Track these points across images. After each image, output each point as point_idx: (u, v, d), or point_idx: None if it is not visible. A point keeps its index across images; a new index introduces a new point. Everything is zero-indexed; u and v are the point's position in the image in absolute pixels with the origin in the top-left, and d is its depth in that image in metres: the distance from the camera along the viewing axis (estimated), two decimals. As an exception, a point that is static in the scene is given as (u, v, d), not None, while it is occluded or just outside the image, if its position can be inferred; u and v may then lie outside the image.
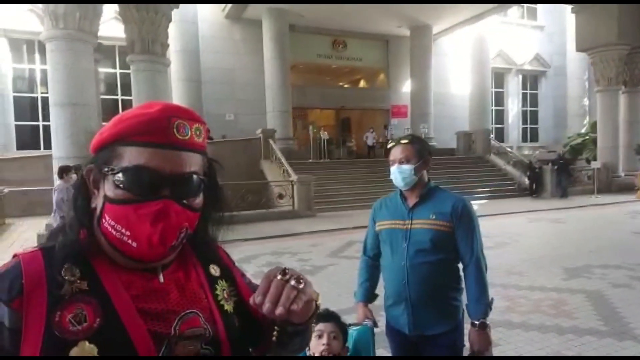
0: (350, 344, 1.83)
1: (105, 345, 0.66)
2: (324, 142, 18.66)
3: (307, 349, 1.74)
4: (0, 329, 0.65)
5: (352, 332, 1.88)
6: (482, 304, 1.84)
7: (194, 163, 0.75)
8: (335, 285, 5.29)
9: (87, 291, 0.69)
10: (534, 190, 15.45)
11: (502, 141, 21.95)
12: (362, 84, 23.44)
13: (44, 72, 14.19)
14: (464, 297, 1.94)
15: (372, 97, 21.52)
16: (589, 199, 14.39)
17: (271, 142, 14.58)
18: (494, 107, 22.74)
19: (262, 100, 17.10)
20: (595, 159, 17.02)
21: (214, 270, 0.85)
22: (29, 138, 15.38)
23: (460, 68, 21.43)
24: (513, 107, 24.25)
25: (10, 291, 0.66)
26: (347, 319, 2.08)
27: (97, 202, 0.74)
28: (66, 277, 0.68)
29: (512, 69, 23.73)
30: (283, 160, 13.44)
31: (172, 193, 0.71)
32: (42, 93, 15.20)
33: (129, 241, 0.70)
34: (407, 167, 1.87)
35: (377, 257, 2.07)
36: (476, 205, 13.26)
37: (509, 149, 19.26)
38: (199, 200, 0.76)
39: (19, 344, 0.64)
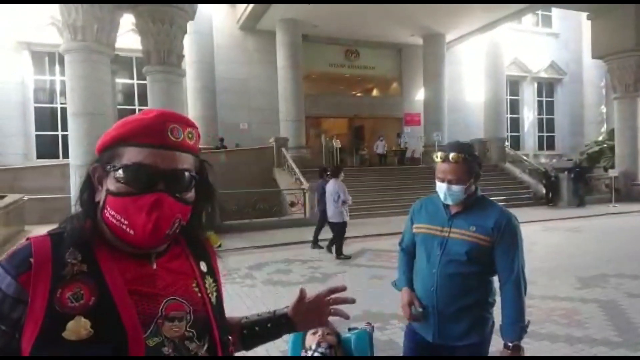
0: (349, 347, 1.85)
1: (98, 321, 0.75)
2: (336, 151, 18.69)
3: (302, 350, 1.77)
4: (4, 299, 0.74)
5: (351, 336, 1.90)
6: (518, 327, 1.73)
7: (186, 162, 0.85)
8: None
9: (86, 273, 0.78)
10: (550, 198, 15.19)
11: (518, 149, 21.68)
12: (375, 92, 23.45)
13: (63, 83, 14.58)
14: (494, 311, 1.87)
15: (385, 105, 21.52)
16: (606, 207, 14.09)
17: (284, 150, 14.66)
18: (509, 115, 22.52)
19: (275, 109, 17.26)
20: (613, 167, 16.69)
21: (203, 266, 0.95)
22: (48, 147, 15.77)
23: (475, 76, 21.32)
24: (529, 115, 23.96)
25: (20, 267, 0.76)
26: (357, 325, 2.10)
27: (101, 196, 0.84)
28: (69, 260, 0.78)
29: (527, 76, 23.50)
30: (295, 168, 13.51)
31: (166, 187, 0.81)
32: (61, 104, 15.61)
33: (127, 229, 0.80)
34: (458, 188, 1.77)
35: (414, 254, 2.00)
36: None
37: (524, 157, 19.01)
38: (190, 194, 0.86)
39: (20, 314, 0.74)
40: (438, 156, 1.82)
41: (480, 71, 20.65)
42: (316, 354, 1.73)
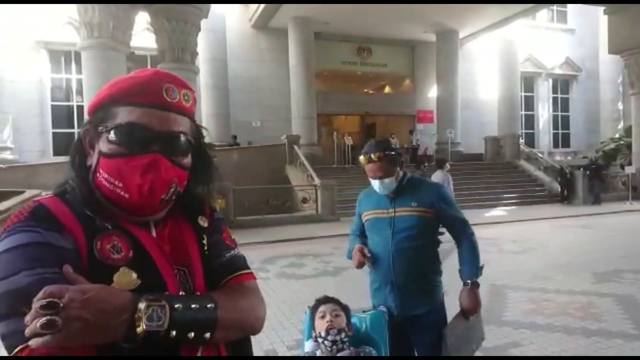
0: (364, 328, 1.86)
1: (141, 272, 0.74)
2: (348, 148, 18.68)
3: (313, 335, 1.77)
4: (64, 252, 0.69)
5: (366, 317, 1.91)
6: (474, 266, 1.96)
7: (182, 124, 0.81)
8: (357, 286, 5.28)
9: (113, 229, 0.76)
10: (565, 196, 14.99)
11: (533, 147, 21.39)
12: (387, 89, 23.38)
13: (79, 82, 14.84)
14: (443, 279, 2.10)
15: (397, 102, 21.43)
16: (622, 205, 13.85)
17: (296, 147, 14.71)
18: (523, 112, 22.25)
19: (287, 107, 17.32)
20: (630, 164, 16.39)
21: (202, 221, 0.91)
22: (64, 144, 16.03)
23: (488, 72, 21.10)
24: (543, 112, 23.64)
25: (55, 223, 0.71)
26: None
27: (93, 160, 0.80)
28: (94, 215, 0.76)
29: (542, 73, 23.18)
30: (307, 165, 13.54)
31: (161, 149, 0.77)
32: (77, 102, 15.90)
33: (122, 192, 0.76)
34: (389, 180, 1.98)
35: (363, 237, 2.18)
36: (504, 211, 13.01)
37: (539, 155, 18.78)
38: (187, 160, 0.83)
39: (82, 264, 0.70)
40: (362, 160, 2.02)
41: (494, 68, 20.44)
42: (327, 342, 1.69)
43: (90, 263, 0.72)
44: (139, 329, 0.65)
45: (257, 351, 3.47)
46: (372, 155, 1.96)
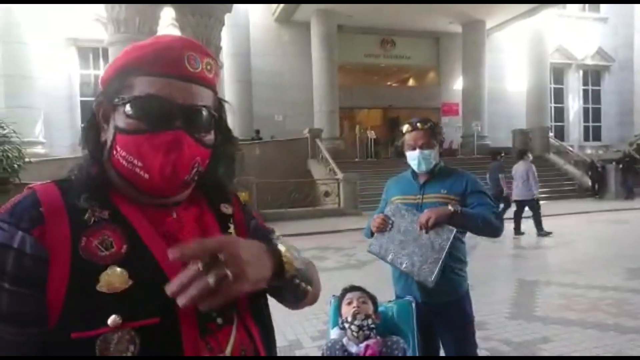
0: (391, 318, 1.85)
1: (135, 270, 0.65)
2: (370, 142, 18.54)
3: (339, 322, 1.76)
4: (22, 257, 0.61)
5: (393, 305, 1.88)
6: (470, 215, 1.85)
7: (205, 97, 0.73)
8: (381, 279, 5.23)
9: (109, 220, 0.68)
10: (596, 190, 14.52)
11: (562, 140, 20.77)
12: (411, 82, 23.06)
13: (107, 77, 15.15)
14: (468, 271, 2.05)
15: (421, 95, 21.12)
16: (659, 200, 13.32)
17: (318, 141, 14.69)
18: (552, 105, 21.60)
19: (309, 101, 17.30)
20: (666, 158, 15.72)
21: (226, 208, 0.84)
22: (93, 139, 16.47)
23: (516, 64, 20.55)
24: (573, 104, 22.88)
25: (30, 219, 0.63)
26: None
27: (108, 136, 0.72)
28: (86, 206, 0.67)
29: (572, 64, 22.41)
30: (329, 159, 13.51)
31: (184, 125, 0.70)
32: (105, 97, 16.30)
33: (141, 172, 0.69)
34: (429, 152, 1.94)
35: None
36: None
37: (569, 148, 18.21)
38: (210, 136, 0.76)
39: (44, 272, 0.61)
40: (405, 128, 2.00)
41: (522, 59, 19.88)
42: (353, 327, 1.70)
43: (74, 263, 0.63)
44: (288, 269, 0.72)
45: (281, 341, 3.49)
46: (418, 123, 1.95)
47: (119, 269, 0.64)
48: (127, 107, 0.69)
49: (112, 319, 0.61)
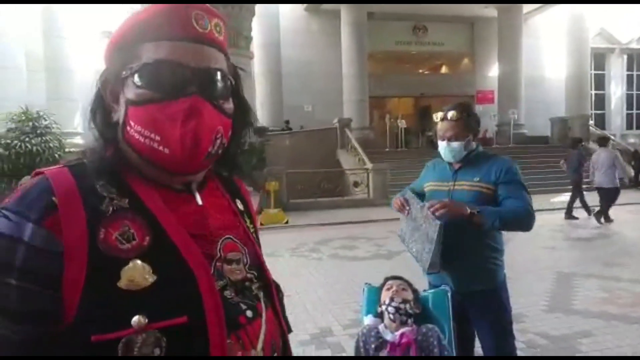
0: (427, 307, 1.83)
1: (159, 264, 0.60)
2: (401, 132, 18.28)
3: (378, 306, 1.75)
4: (33, 252, 0.56)
5: (428, 294, 1.85)
6: (492, 215, 1.74)
7: (219, 60, 0.68)
8: (412, 270, 5.16)
9: (129, 209, 0.62)
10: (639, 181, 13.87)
11: (603, 128, 19.87)
12: (443, 69, 22.53)
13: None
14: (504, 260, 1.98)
15: (454, 83, 20.61)
16: None
17: (347, 131, 14.59)
18: (593, 91, 20.64)
19: (339, 90, 17.18)
20: None
21: (239, 204, 0.81)
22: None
23: (555, 49, 19.74)
24: (616, 91, 21.80)
25: (41, 209, 0.58)
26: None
27: (119, 114, 0.66)
28: (103, 193, 0.62)
29: (616, 48, 21.31)
30: (359, 148, 13.41)
31: (200, 90, 0.64)
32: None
33: (160, 147, 0.63)
34: (457, 144, 1.88)
35: (417, 194, 2.09)
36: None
37: (611, 137, 17.39)
38: (230, 105, 0.69)
39: (58, 268, 0.56)
40: (438, 116, 1.93)
41: (561, 44, 19.01)
42: (390, 309, 1.71)
43: (91, 257, 0.57)
44: None
45: (312, 330, 3.51)
46: (448, 114, 1.88)
47: (141, 263, 0.59)
48: (136, 77, 0.63)
49: (136, 320, 0.56)
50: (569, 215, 8.66)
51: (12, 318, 0.55)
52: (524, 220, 1.80)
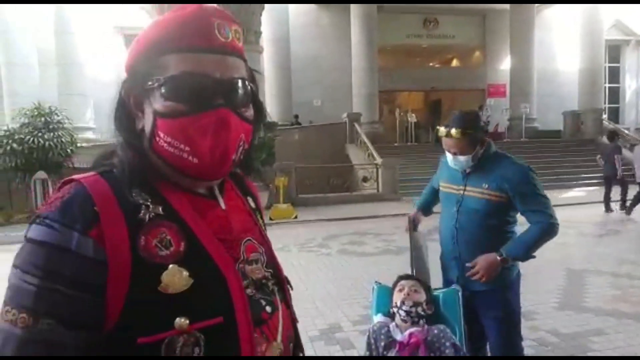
0: (437, 305, 1.83)
1: (194, 268, 0.63)
2: (411, 126, 18.16)
3: (392, 305, 1.75)
4: (81, 261, 0.58)
5: (438, 294, 1.85)
6: (522, 248, 1.83)
7: (240, 69, 0.69)
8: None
9: (164, 216, 0.64)
10: (655, 176, 13.60)
11: (617, 122, 19.53)
12: (454, 63, 22.31)
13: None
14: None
15: (466, 76, 20.40)
16: None
17: (356, 125, 14.54)
18: (607, 85, 20.28)
19: (348, 84, 17.11)
20: None
21: (251, 202, 0.84)
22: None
23: (568, 42, 19.41)
24: (631, 84, 21.41)
25: (85, 219, 0.59)
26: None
27: (145, 122, 0.68)
28: (140, 201, 0.64)
29: (631, 40, 20.90)
30: (368, 143, 13.35)
31: (226, 101, 0.66)
32: (149, 83, 16.82)
33: (189, 157, 0.65)
34: (463, 159, 1.88)
35: (437, 192, 2.21)
36: (584, 192, 12.07)
37: (625, 131, 17.10)
38: (250, 111, 0.71)
39: (103, 275, 0.58)
40: (440, 131, 1.92)
41: (574, 36, 18.70)
42: (401, 312, 1.71)
43: (134, 263, 0.60)
44: None
45: (321, 326, 3.52)
46: (452, 131, 1.85)
47: (179, 268, 0.62)
48: (163, 89, 0.64)
49: (179, 322, 0.59)
50: (608, 208, 8.78)
51: (65, 325, 0.57)
52: (550, 235, 1.84)
